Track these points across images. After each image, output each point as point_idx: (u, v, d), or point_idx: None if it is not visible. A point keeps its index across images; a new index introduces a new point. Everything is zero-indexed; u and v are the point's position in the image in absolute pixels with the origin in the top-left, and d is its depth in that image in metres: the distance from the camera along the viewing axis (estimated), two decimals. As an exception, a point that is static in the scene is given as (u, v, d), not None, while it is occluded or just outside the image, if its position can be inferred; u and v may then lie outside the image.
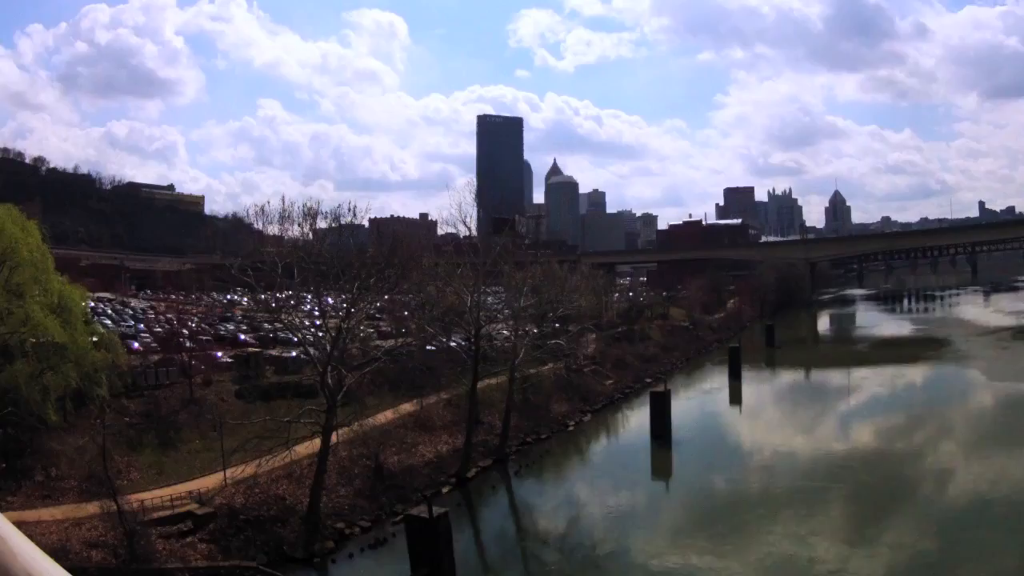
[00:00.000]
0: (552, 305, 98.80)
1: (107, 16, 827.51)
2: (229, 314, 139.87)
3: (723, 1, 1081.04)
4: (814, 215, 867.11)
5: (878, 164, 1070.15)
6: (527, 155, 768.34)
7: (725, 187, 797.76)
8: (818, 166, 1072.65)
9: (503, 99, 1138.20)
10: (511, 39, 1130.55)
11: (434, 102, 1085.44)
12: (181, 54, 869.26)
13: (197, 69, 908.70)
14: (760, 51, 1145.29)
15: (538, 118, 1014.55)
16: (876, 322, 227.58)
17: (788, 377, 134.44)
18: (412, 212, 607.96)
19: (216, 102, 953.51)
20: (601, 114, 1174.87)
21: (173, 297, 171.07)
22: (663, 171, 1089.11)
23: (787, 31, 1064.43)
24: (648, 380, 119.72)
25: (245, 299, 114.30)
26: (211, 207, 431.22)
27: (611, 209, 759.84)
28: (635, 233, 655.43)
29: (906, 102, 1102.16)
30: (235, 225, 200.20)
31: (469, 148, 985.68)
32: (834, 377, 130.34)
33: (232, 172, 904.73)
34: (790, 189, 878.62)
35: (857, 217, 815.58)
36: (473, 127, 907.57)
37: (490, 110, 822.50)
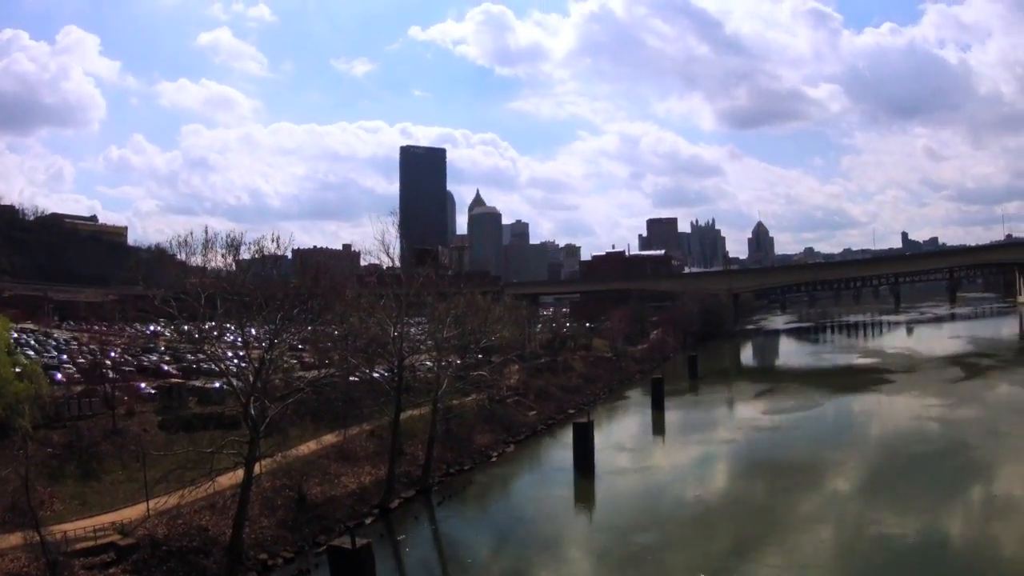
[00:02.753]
0: (475, 336, 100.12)
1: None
2: (152, 345, 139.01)
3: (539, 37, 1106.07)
4: (737, 246, 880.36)
5: (776, 195, 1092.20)
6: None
7: (648, 218, 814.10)
8: (713, 198, 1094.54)
9: (342, 133, 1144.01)
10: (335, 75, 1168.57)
11: (291, 132, 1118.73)
12: (44, 86, 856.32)
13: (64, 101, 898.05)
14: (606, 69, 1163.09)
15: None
16: (797, 353, 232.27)
17: (709, 409, 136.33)
18: (309, 240, 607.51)
19: (86, 139, 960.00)
20: (455, 134, 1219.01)
21: (96, 328, 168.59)
22: (550, 203, 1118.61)
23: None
24: (571, 411, 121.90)
25: (168, 330, 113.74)
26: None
27: (534, 240, 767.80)
28: (558, 264, 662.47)
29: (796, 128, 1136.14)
30: (158, 256, 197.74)
31: (379, 177, 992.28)
32: (754, 409, 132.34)
33: (128, 206, 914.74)
34: (713, 220, 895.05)
35: (780, 248, 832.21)
36: (368, 154, 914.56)
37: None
